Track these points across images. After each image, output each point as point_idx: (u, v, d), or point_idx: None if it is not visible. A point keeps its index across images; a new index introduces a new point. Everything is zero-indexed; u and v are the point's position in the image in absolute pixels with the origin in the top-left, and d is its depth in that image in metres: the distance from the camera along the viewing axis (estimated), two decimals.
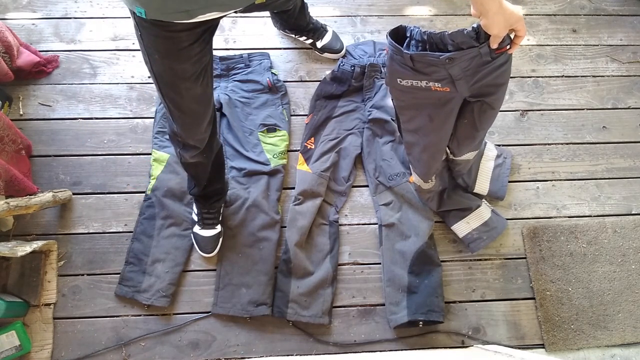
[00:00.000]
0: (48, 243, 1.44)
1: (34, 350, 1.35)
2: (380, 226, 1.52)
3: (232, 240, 1.49)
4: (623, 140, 1.72)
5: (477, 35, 0.91)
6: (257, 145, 1.59)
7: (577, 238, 1.55)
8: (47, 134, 1.60)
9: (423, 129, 1.19)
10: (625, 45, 1.86)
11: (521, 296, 1.49)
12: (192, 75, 0.98)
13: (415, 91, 1.05)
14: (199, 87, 1.03)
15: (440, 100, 1.06)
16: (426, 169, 1.36)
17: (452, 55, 0.93)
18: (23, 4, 1.78)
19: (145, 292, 1.41)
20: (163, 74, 0.98)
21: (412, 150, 1.32)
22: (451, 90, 1.02)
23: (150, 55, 0.95)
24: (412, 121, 1.19)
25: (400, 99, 1.13)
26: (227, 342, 1.40)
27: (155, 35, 0.89)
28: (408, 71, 1.01)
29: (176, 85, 1.00)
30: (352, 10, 1.86)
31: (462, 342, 1.43)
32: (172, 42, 0.90)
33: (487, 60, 0.96)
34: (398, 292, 1.43)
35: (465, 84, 1.02)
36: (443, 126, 1.17)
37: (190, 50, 0.92)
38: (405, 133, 1.27)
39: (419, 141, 1.25)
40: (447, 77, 0.99)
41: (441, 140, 1.24)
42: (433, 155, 1.30)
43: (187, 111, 1.08)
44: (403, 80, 1.03)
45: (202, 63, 0.99)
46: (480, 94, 1.06)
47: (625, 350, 1.44)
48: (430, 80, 1.01)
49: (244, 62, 1.69)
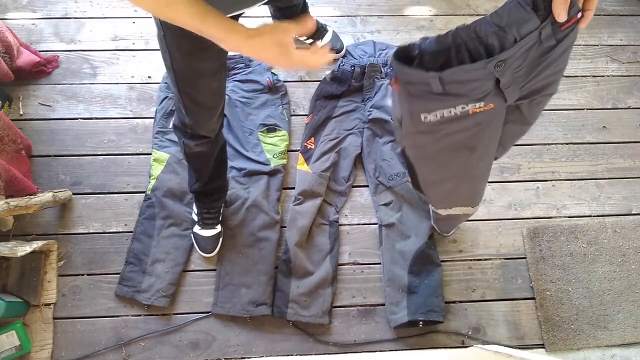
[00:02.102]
0: (48, 243, 1.44)
1: (34, 350, 1.35)
2: (380, 226, 1.52)
3: (232, 240, 1.49)
4: (623, 140, 1.72)
5: (534, 5, 0.62)
6: (257, 145, 1.59)
7: (577, 238, 1.55)
8: (47, 134, 1.60)
9: (463, 168, 0.90)
10: (625, 45, 1.86)
11: (521, 296, 1.49)
12: (212, 71, 1.01)
13: (446, 125, 0.76)
14: (216, 82, 1.06)
15: (482, 123, 0.77)
16: (478, 195, 1.07)
17: (505, 55, 0.64)
18: (23, 4, 1.78)
19: (145, 292, 1.41)
20: (183, 72, 1.01)
21: (447, 196, 1.02)
22: (497, 105, 0.74)
23: (172, 53, 0.97)
24: (442, 169, 0.90)
25: (422, 145, 0.82)
26: (227, 342, 1.40)
27: (179, 34, 0.90)
28: (435, 100, 0.72)
29: (195, 81, 1.03)
30: (352, 10, 1.86)
31: (462, 342, 1.43)
32: (196, 41, 0.90)
33: (550, 47, 0.68)
34: (398, 292, 1.43)
35: (516, 90, 0.74)
36: (491, 149, 0.88)
37: (212, 48, 0.93)
38: (432, 184, 0.97)
39: (459, 183, 0.96)
40: (492, 89, 0.71)
41: (489, 164, 0.95)
42: (483, 179, 0.99)
43: (203, 105, 1.10)
44: (429, 114, 0.74)
45: (222, 59, 1.02)
46: (532, 92, 0.78)
47: (625, 350, 1.44)
48: (467, 103, 0.72)
49: (244, 62, 1.69)
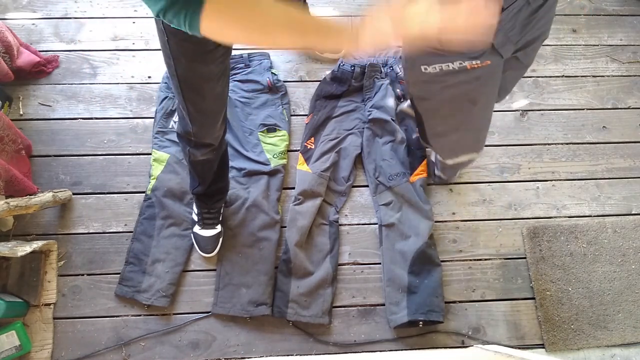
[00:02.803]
0: (48, 243, 1.44)
1: (34, 350, 1.35)
2: (380, 226, 1.52)
3: (232, 240, 1.49)
4: (623, 140, 1.72)
5: None
6: (257, 145, 1.59)
7: (577, 238, 1.55)
8: (47, 134, 1.60)
9: (465, 121, 0.96)
10: (625, 45, 1.86)
11: (521, 296, 1.49)
12: (217, 74, 1.00)
13: (446, 77, 0.82)
14: (220, 86, 1.05)
15: (481, 78, 0.84)
16: (481, 140, 1.12)
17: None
18: (23, 4, 1.78)
19: (145, 292, 1.41)
20: (188, 77, 1.00)
21: (453, 146, 1.08)
22: (493, 61, 0.80)
23: (175, 59, 0.95)
24: (447, 120, 0.96)
25: (427, 94, 0.90)
26: (227, 342, 1.40)
27: (183, 39, 0.89)
28: (434, 55, 0.79)
29: (200, 86, 1.02)
30: (352, 10, 1.86)
31: (462, 342, 1.43)
32: (200, 45, 0.90)
33: (538, 5, 0.73)
34: (398, 292, 1.43)
35: (510, 46, 0.79)
36: (491, 102, 0.95)
37: (216, 52, 0.94)
38: (439, 136, 1.03)
39: (464, 134, 1.02)
40: (487, 49, 0.77)
41: (490, 113, 1.00)
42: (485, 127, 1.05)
43: (206, 111, 1.10)
44: (429, 66, 0.81)
45: (226, 62, 1.01)
46: (527, 43, 0.83)
47: (625, 350, 1.44)
48: (464, 60, 0.78)
49: (244, 62, 1.69)
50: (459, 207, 1.59)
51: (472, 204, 1.60)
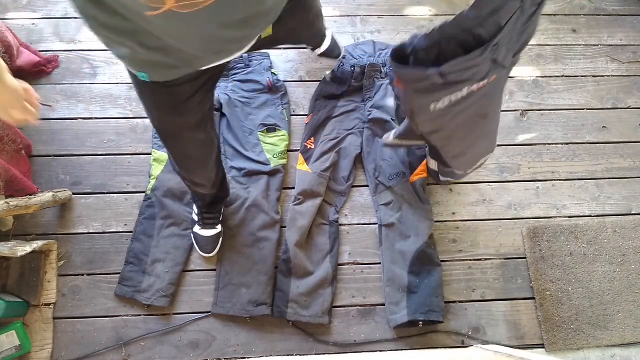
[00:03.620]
0: (48, 243, 1.44)
1: (34, 350, 1.35)
2: (380, 226, 1.52)
3: (232, 240, 1.49)
4: (623, 140, 1.72)
5: None
6: (257, 145, 1.59)
7: (577, 238, 1.55)
8: (47, 134, 1.60)
9: (480, 135, 0.95)
10: (625, 45, 1.86)
11: (521, 296, 1.49)
12: (195, 123, 0.98)
13: (456, 106, 0.81)
14: (201, 133, 1.02)
15: (488, 93, 0.83)
16: (494, 139, 1.11)
17: (498, 38, 0.68)
18: (23, 4, 1.78)
19: (145, 292, 1.41)
20: (165, 127, 0.99)
21: (472, 159, 1.08)
22: (498, 75, 0.79)
23: (150, 112, 0.95)
24: (463, 141, 0.94)
25: (439, 127, 0.87)
26: (227, 342, 1.40)
27: (154, 92, 0.88)
28: (441, 90, 0.76)
29: (179, 135, 1.00)
30: (352, 10, 1.86)
31: (462, 342, 1.43)
32: (172, 97, 0.89)
33: (532, 12, 0.71)
34: (398, 292, 1.43)
35: (510, 55, 0.78)
36: (499, 106, 0.94)
37: (191, 102, 0.92)
38: (458, 157, 1.02)
39: (480, 144, 1.00)
40: (492, 65, 0.76)
41: (499, 115, 1.00)
42: (497, 126, 1.05)
43: (192, 156, 1.08)
44: (438, 102, 0.79)
45: (203, 111, 0.98)
46: (521, 47, 0.83)
47: (625, 350, 1.44)
48: (472, 84, 0.77)
49: (244, 62, 1.69)
50: (459, 207, 1.59)
51: (472, 204, 1.60)
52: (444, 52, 0.72)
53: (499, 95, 0.90)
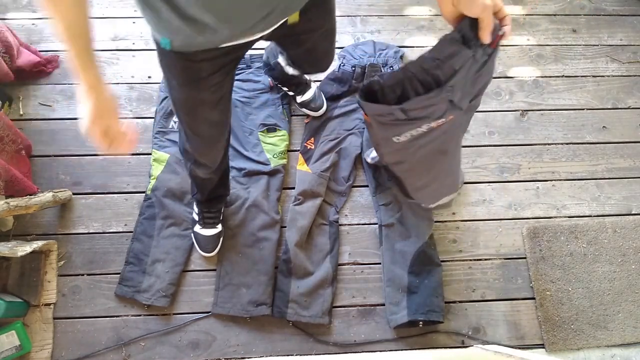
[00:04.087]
0: (48, 243, 1.44)
1: (34, 350, 1.35)
2: (380, 226, 1.52)
3: (232, 240, 1.49)
4: (623, 140, 1.72)
5: (463, 36, 0.74)
6: (257, 145, 1.59)
7: (577, 238, 1.55)
8: (47, 134, 1.60)
9: (441, 170, 1.03)
10: (625, 45, 1.86)
11: (521, 296, 1.49)
12: (210, 102, 0.99)
13: (417, 140, 0.88)
14: (216, 114, 1.03)
15: (448, 130, 0.90)
16: (457, 181, 1.20)
17: (453, 82, 0.77)
18: (23, 4, 1.78)
19: (145, 292, 1.41)
20: (181, 99, 0.99)
21: (434, 193, 1.16)
22: (456, 115, 0.87)
23: (169, 81, 0.96)
24: (425, 175, 1.02)
25: (402, 159, 0.95)
26: (227, 342, 1.40)
27: (174, 64, 0.89)
28: (403, 125, 0.84)
29: (194, 111, 1.01)
30: (352, 10, 1.86)
31: (462, 342, 1.43)
32: (192, 71, 0.90)
33: (484, 61, 0.80)
34: (398, 292, 1.43)
35: (467, 98, 0.87)
36: (459, 145, 1.03)
37: (209, 80, 0.92)
38: (420, 190, 1.10)
39: (441, 181, 1.09)
40: (448, 107, 0.84)
41: (460, 154, 1.09)
42: (458, 166, 1.15)
43: (202, 135, 1.09)
44: (400, 136, 0.87)
45: (221, 92, 0.99)
46: (477, 93, 0.93)
47: (625, 350, 1.44)
48: (430, 121, 0.84)
49: (246, 63, 1.69)
50: (459, 207, 1.59)
51: (472, 204, 1.60)
52: (407, 90, 0.80)
53: (458, 134, 0.98)
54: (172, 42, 0.81)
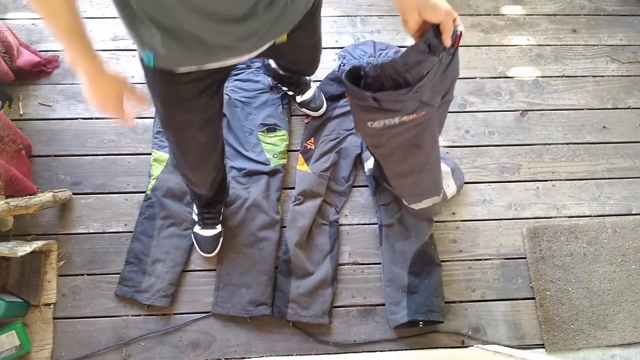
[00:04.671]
0: (48, 243, 1.44)
1: (34, 350, 1.35)
2: (380, 226, 1.52)
3: (232, 240, 1.49)
4: (623, 140, 1.72)
5: (429, 46, 0.82)
6: (257, 145, 1.59)
7: (577, 238, 1.55)
8: (47, 134, 1.60)
9: (417, 162, 1.09)
10: (625, 45, 1.86)
11: (521, 296, 1.49)
12: (197, 124, 0.98)
13: (391, 130, 0.96)
14: (204, 136, 1.02)
15: (421, 125, 0.98)
16: (437, 183, 1.26)
17: (419, 84, 0.85)
18: (23, 4, 1.78)
19: (145, 292, 1.41)
20: (168, 121, 0.99)
21: (413, 189, 1.21)
22: (428, 111, 0.94)
23: (155, 102, 0.95)
24: (402, 163, 1.09)
25: (379, 143, 1.02)
26: (227, 342, 1.40)
27: (160, 86, 0.89)
28: (377, 112, 0.92)
29: (180, 132, 1.01)
30: (352, 10, 1.86)
31: (462, 342, 1.43)
32: (178, 93, 0.89)
33: (448, 62, 0.89)
34: (398, 292, 1.43)
35: (438, 97, 0.95)
36: (435, 142, 1.09)
37: (196, 101, 0.92)
38: (397, 178, 1.16)
39: (418, 176, 1.15)
40: (419, 104, 0.91)
41: (438, 152, 1.16)
42: (437, 169, 1.21)
43: (190, 155, 1.08)
44: (374, 122, 0.94)
45: (209, 113, 0.98)
46: (448, 89, 1.01)
47: (625, 350, 1.44)
48: (402, 115, 0.92)
49: (246, 63, 1.69)
50: (459, 207, 1.59)
51: (472, 204, 1.60)
52: (385, 85, 0.88)
53: (432, 129, 1.03)
54: (155, 58, 0.80)
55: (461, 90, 1.75)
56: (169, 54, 0.78)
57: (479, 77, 1.78)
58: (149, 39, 0.76)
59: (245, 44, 0.81)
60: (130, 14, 0.73)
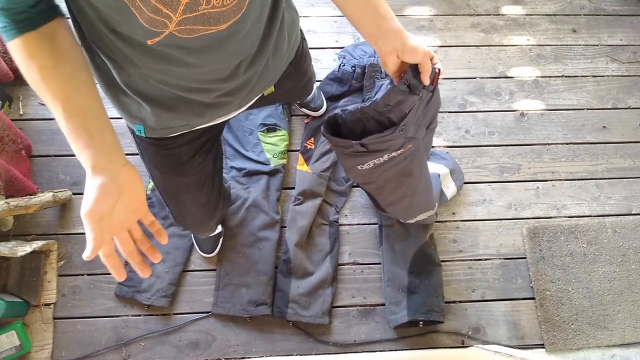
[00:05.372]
0: (48, 243, 1.44)
1: (34, 350, 1.35)
2: (380, 226, 1.52)
3: (232, 240, 1.49)
4: (623, 140, 1.72)
5: (409, 86, 0.83)
6: (257, 145, 1.59)
7: (577, 238, 1.55)
8: (47, 134, 1.60)
9: (409, 189, 1.12)
10: (625, 45, 1.86)
11: (521, 296, 1.49)
12: (195, 185, 0.97)
13: (381, 167, 0.97)
14: (203, 195, 1.01)
15: (409, 156, 1.00)
16: (430, 201, 1.28)
17: (403, 122, 0.87)
18: None
19: (145, 292, 1.41)
20: (165, 188, 0.98)
21: (406, 210, 1.24)
22: (414, 144, 0.97)
23: (151, 171, 0.95)
24: (394, 192, 1.11)
25: (369, 181, 1.05)
26: (227, 342, 1.40)
27: (154, 153, 0.89)
28: (364, 156, 0.93)
29: (179, 196, 0.99)
30: None
31: (462, 342, 1.43)
32: (173, 158, 0.89)
33: (429, 98, 0.91)
34: (398, 292, 1.43)
35: (423, 129, 0.98)
36: (423, 167, 1.12)
37: (190, 163, 0.91)
38: (391, 205, 1.18)
39: (411, 199, 1.18)
40: (405, 139, 0.93)
41: (428, 175, 1.18)
42: (429, 189, 1.24)
43: (191, 217, 1.07)
44: (363, 165, 0.96)
45: (205, 172, 0.97)
46: (431, 120, 1.03)
47: (625, 350, 1.44)
48: (390, 152, 0.94)
49: None
50: (459, 207, 1.59)
51: (472, 204, 1.60)
52: (367, 127, 0.90)
53: (420, 158, 1.06)
54: (145, 129, 0.79)
55: (461, 90, 1.75)
56: (159, 123, 0.78)
57: (479, 77, 1.78)
58: (137, 112, 0.76)
59: (234, 99, 0.81)
60: (116, 89, 0.73)
